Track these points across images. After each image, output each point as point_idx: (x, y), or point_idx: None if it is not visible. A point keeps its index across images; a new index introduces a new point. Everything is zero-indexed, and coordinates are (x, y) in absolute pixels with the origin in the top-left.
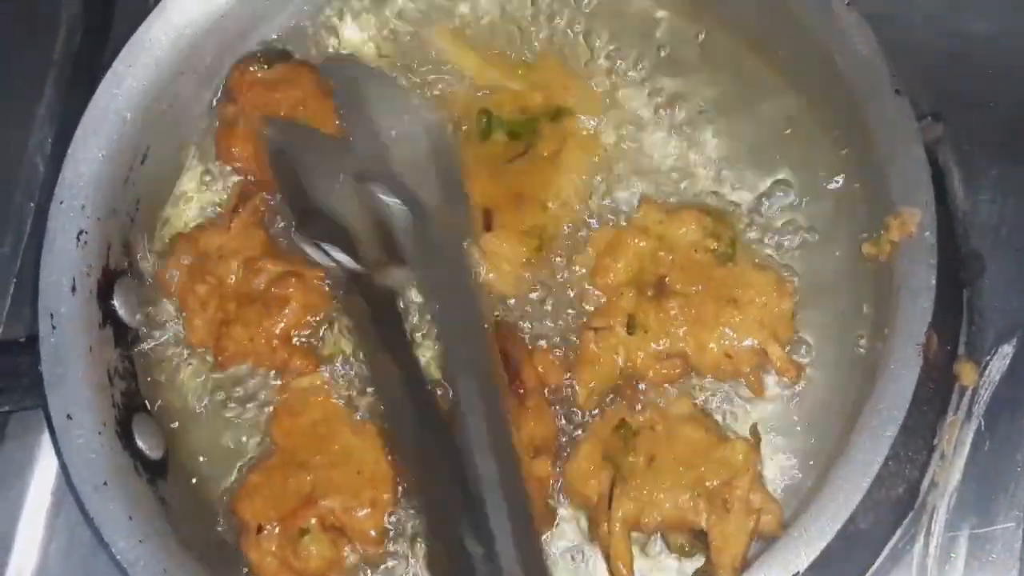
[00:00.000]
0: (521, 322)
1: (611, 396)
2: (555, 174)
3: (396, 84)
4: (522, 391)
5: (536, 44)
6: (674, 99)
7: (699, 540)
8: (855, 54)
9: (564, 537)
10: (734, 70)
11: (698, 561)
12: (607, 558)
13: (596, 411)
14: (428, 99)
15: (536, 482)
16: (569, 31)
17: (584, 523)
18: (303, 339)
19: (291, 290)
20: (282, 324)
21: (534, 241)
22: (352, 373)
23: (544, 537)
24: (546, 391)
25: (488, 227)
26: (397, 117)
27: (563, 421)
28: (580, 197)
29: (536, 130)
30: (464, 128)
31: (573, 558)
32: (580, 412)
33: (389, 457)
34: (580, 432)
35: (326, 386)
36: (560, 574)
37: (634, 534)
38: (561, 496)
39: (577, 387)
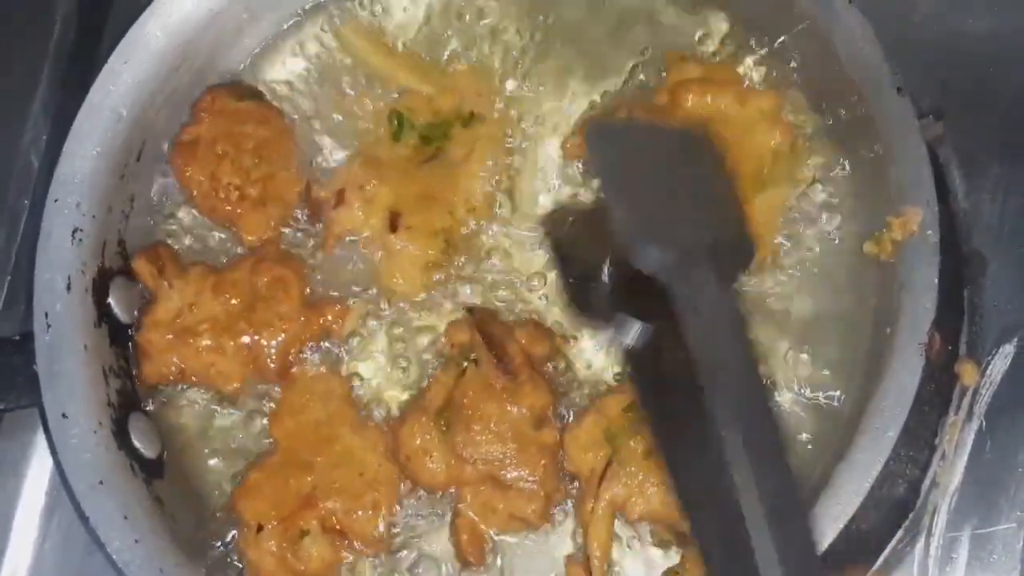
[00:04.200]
0: None
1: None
2: (464, 178)
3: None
4: (511, 367)
5: (453, 49)
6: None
7: (682, 540)
8: (856, 52)
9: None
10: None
11: (671, 559)
12: (585, 537)
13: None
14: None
15: (544, 451)
16: (487, 39)
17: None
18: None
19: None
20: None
21: (440, 243)
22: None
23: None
24: (534, 362)
25: (394, 228)
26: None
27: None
28: (487, 202)
29: (448, 134)
30: (379, 130)
31: None
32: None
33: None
34: (577, 396)
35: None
36: None
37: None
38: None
39: None
